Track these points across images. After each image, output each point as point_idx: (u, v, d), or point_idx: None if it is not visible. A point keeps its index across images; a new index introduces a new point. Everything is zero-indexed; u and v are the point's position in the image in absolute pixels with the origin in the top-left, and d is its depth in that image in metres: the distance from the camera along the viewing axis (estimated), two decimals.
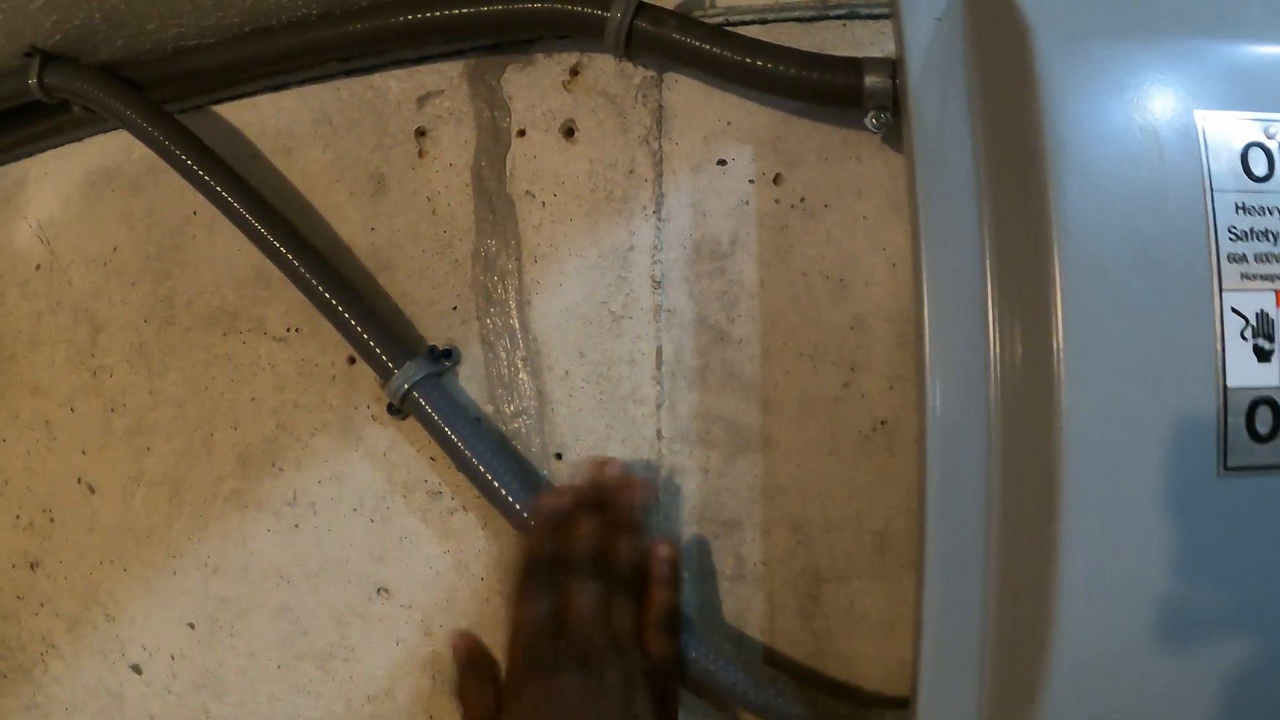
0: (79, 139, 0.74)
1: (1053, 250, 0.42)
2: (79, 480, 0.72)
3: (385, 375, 0.57)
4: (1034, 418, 0.42)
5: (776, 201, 0.56)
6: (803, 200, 0.56)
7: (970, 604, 0.46)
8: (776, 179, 0.56)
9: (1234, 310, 0.42)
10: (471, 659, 0.48)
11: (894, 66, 0.51)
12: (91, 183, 0.73)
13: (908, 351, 0.53)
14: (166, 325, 0.68)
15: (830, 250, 0.55)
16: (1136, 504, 0.41)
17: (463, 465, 0.56)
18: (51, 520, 0.74)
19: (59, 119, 0.74)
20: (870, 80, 0.51)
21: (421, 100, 0.61)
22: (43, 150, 0.77)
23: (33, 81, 0.68)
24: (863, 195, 0.55)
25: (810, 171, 0.56)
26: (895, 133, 0.53)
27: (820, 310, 0.55)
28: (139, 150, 0.70)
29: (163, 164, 0.68)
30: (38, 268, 0.75)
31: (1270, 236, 0.42)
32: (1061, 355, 0.41)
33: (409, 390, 0.56)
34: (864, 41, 0.57)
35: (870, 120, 0.52)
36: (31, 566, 0.75)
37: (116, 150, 0.72)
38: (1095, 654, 0.40)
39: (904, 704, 0.52)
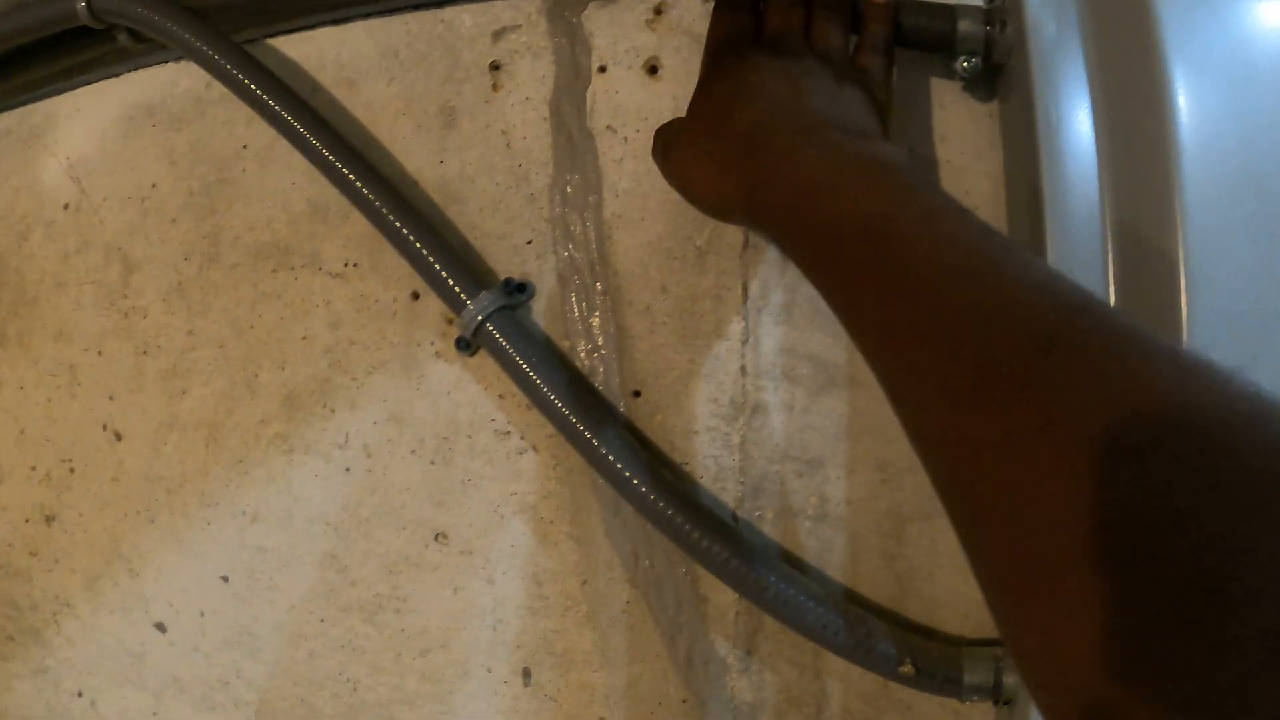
0: (115, 74, 0.73)
1: (1175, 182, 0.42)
2: (104, 427, 0.70)
3: (457, 307, 0.56)
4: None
5: None
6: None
7: None
8: None
9: None
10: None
11: (986, 14, 0.52)
12: (129, 118, 0.71)
13: None
14: (210, 263, 0.66)
15: None
16: None
17: (536, 400, 0.55)
18: (71, 471, 0.71)
19: (93, 52, 0.72)
20: (964, 25, 0.52)
21: (497, 35, 0.61)
22: (74, 87, 0.75)
23: (81, 5, 0.66)
24: (945, 140, 0.56)
25: (895, 116, 0.56)
26: (977, 81, 0.53)
27: None
28: (184, 84, 0.69)
29: (210, 98, 0.67)
30: (66, 207, 0.73)
31: None
32: (1184, 276, 0.42)
33: (482, 322, 0.55)
34: None
35: (961, 64, 0.53)
36: (47, 520, 0.72)
37: (158, 85, 0.70)
38: None
39: (987, 644, 0.51)
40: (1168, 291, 0.42)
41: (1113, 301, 0.45)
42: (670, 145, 0.49)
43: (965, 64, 0.53)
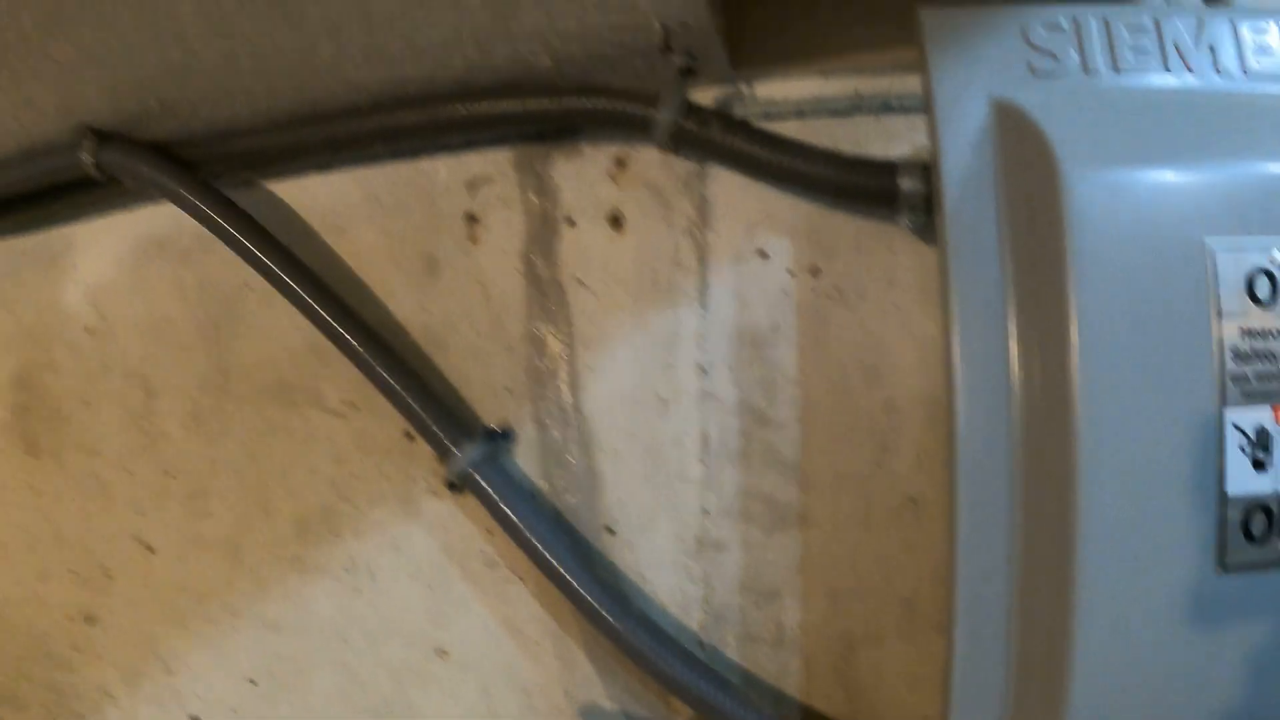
0: (127, 207, 0.81)
1: (1071, 364, 0.49)
2: (136, 539, 0.80)
3: (444, 454, 0.65)
4: (1053, 511, 0.49)
5: (814, 291, 0.63)
6: (839, 290, 0.63)
7: (997, 644, 0.54)
8: (814, 270, 0.63)
9: (1235, 426, 0.49)
10: None
11: (926, 170, 0.58)
12: (142, 250, 0.80)
13: (936, 432, 0.61)
14: (222, 394, 0.75)
15: (864, 338, 0.62)
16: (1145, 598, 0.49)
17: (520, 541, 0.63)
18: (108, 576, 0.82)
19: (108, 190, 0.80)
20: (905, 183, 0.58)
21: (471, 185, 0.68)
22: (90, 216, 0.83)
23: (87, 159, 0.74)
24: (895, 285, 0.62)
25: (846, 262, 0.63)
26: (926, 227, 0.60)
27: (855, 394, 0.62)
28: (190, 221, 0.77)
29: (212, 236, 0.75)
30: (87, 330, 0.82)
31: (1271, 357, 0.50)
32: (1078, 464, 0.49)
33: (468, 470, 0.63)
34: (897, 133, 0.64)
35: (905, 220, 0.59)
36: (87, 620, 0.83)
37: (167, 220, 0.79)
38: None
39: None
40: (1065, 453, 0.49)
41: (1016, 473, 0.52)
42: None
43: (909, 221, 0.59)
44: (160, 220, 0.80)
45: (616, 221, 0.65)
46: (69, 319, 0.84)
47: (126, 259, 0.81)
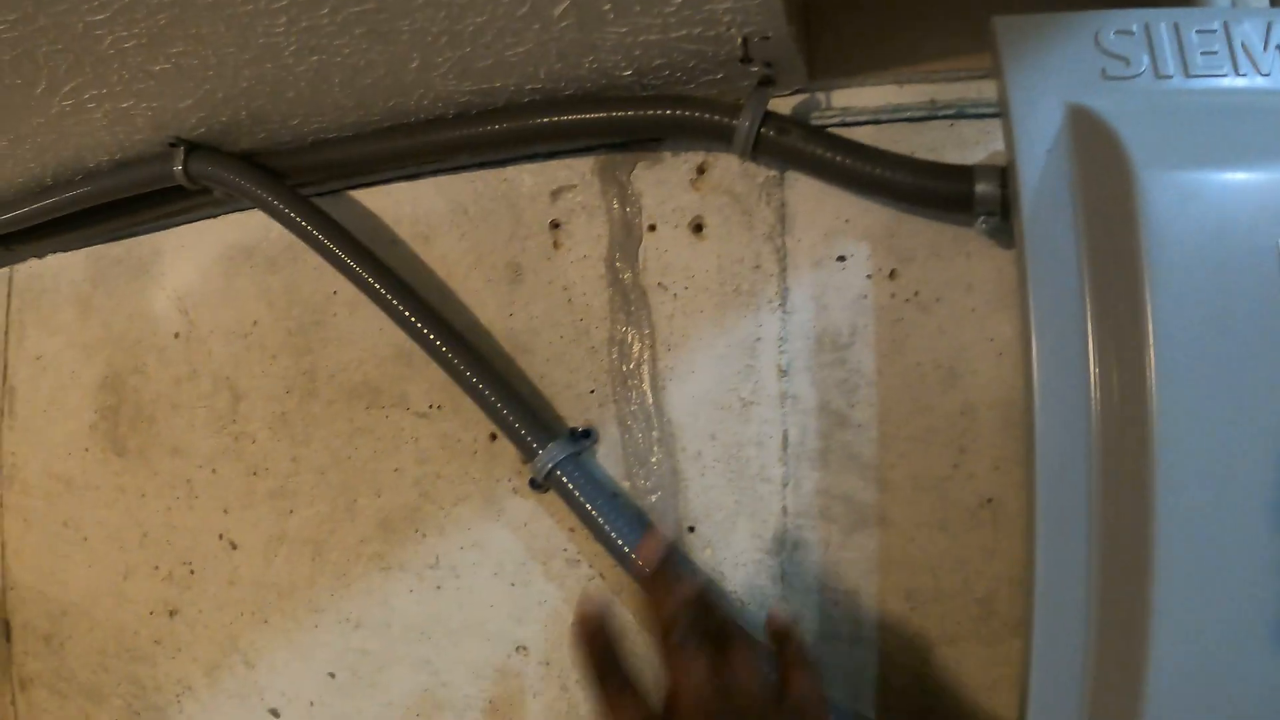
0: (214, 216, 0.86)
1: (1148, 367, 0.51)
2: (220, 536, 0.84)
3: (529, 454, 0.68)
4: (1131, 518, 0.51)
5: (892, 296, 0.66)
6: (916, 294, 0.65)
7: (1074, 649, 0.55)
8: (892, 274, 0.66)
9: None
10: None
11: (1002, 174, 0.60)
12: (229, 258, 0.84)
13: (1012, 435, 0.63)
14: (308, 397, 0.79)
15: (941, 341, 0.65)
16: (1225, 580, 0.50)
17: (602, 539, 0.66)
18: (192, 572, 0.86)
19: (195, 198, 0.85)
20: (981, 188, 0.61)
21: (555, 194, 0.72)
22: (178, 224, 0.88)
23: (178, 169, 0.79)
24: (971, 289, 0.65)
25: (923, 267, 0.66)
26: (1001, 232, 0.62)
27: (932, 397, 0.65)
28: (277, 229, 0.82)
29: (301, 244, 0.79)
30: (176, 335, 0.87)
31: None
32: (1156, 471, 0.50)
33: (552, 469, 0.67)
34: (970, 140, 0.66)
35: (980, 223, 0.61)
36: (170, 614, 0.87)
37: (254, 228, 0.83)
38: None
39: None
40: (1142, 453, 0.51)
41: (1095, 478, 0.54)
42: None
43: (984, 223, 0.62)
44: (247, 229, 0.84)
45: (698, 228, 0.69)
46: (157, 325, 0.88)
47: (213, 267, 0.85)
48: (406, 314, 0.71)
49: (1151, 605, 0.50)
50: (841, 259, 0.67)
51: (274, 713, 0.83)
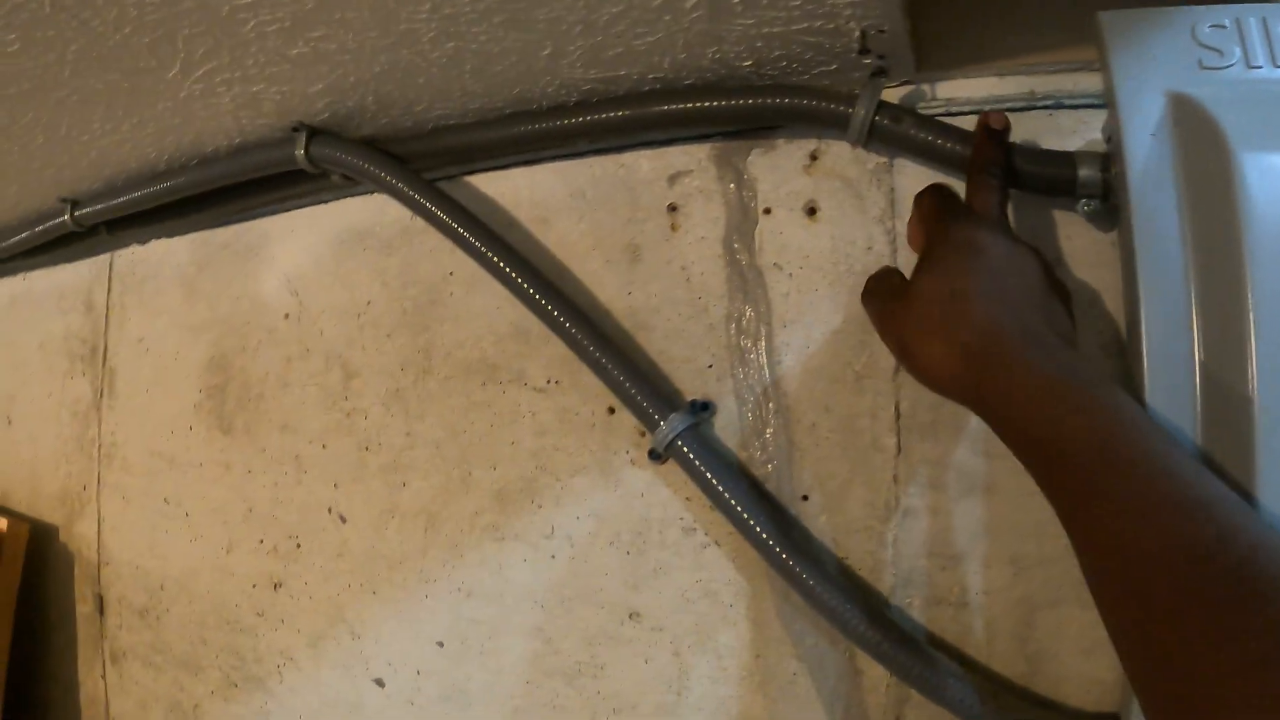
0: (325, 201, 0.92)
1: (1249, 345, 0.56)
2: (329, 510, 0.89)
3: (650, 425, 0.73)
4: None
5: None
6: None
7: None
8: None
9: None
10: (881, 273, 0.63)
11: (1104, 160, 0.66)
12: (341, 241, 0.90)
13: None
14: (424, 374, 0.85)
15: None
16: None
17: (721, 506, 0.72)
18: (298, 546, 0.91)
19: (308, 184, 0.91)
20: (1084, 172, 0.66)
21: (672, 179, 0.78)
22: (287, 209, 0.94)
23: (300, 153, 0.85)
24: (1072, 266, 0.70)
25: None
26: (1099, 215, 0.68)
27: None
28: (391, 214, 0.87)
29: (416, 227, 0.85)
30: (286, 316, 0.93)
31: None
32: (1257, 452, 0.55)
33: (673, 439, 0.72)
34: (1067, 130, 0.72)
35: (1081, 206, 0.67)
36: (275, 587, 0.93)
37: (368, 213, 0.89)
38: None
39: (1104, 718, 0.66)
40: (1244, 425, 0.56)
41: (1198, 430, 0.59)
42: (893, 310, 0.58)
43: (1086, 206, 0.67)
44: (360, 213, 0.90)
45: (812, 211, 0.74)
46: (266, 306, 0.94)
47: (326, 250, 0.91)
48: (530, 290, 0.76)
49: None
50: None
51: (379, 682, 0.88)
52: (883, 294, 0.60)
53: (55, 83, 0.80)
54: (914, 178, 0.73)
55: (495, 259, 0.77)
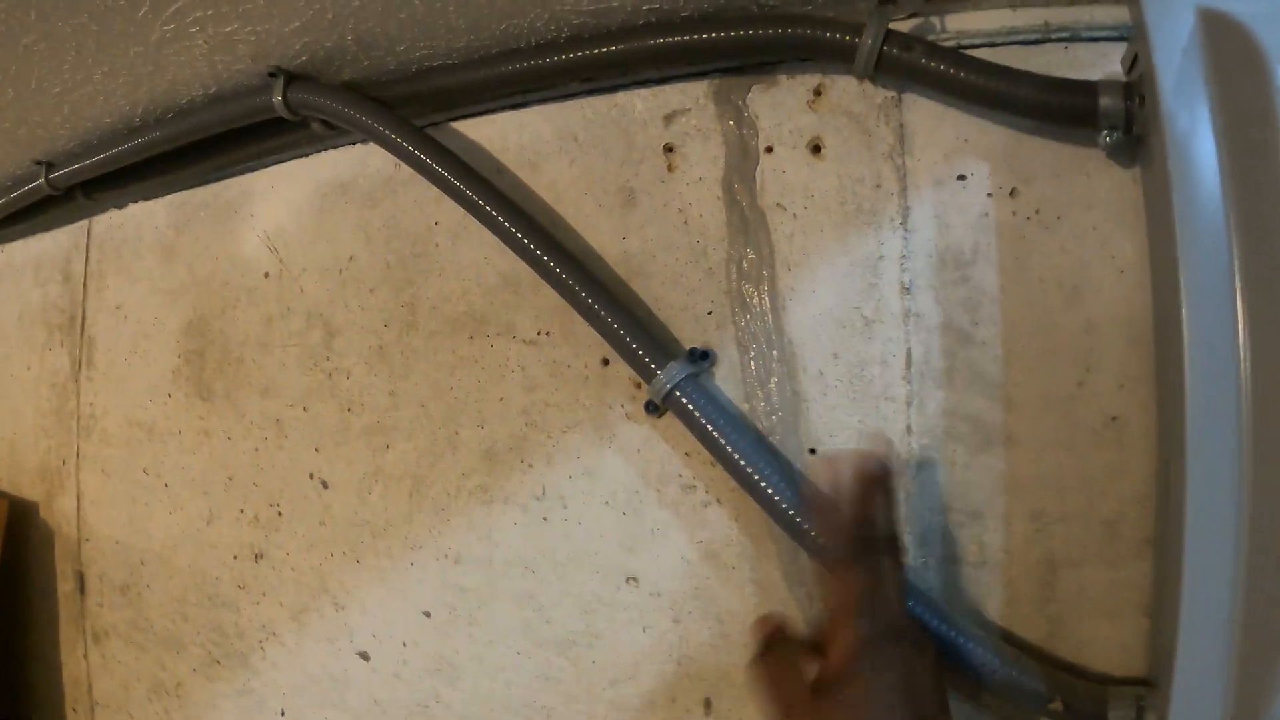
0: (305, 155, 0.87)
1: None
2: (311, 476, 0.84)
3: (647, 376, 0.68)
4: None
5: (1013, 214, 0.66)
6: (1037, 212, 0.66)
7: (1221, 592, 0.55)
8: (1013, 193, 0.67)
9: None
10: (772, 641, 0.56)
11: (1126, 89, 0.61)
12: (322, 195, 0.85)
13: (1136, 352, 0.63)
14: (408, 329, 0.80)
15: (1063, 259, 0.65)
16: None
17: (724, 460, 0.67)
18: (279, 514, 0.86)
19: (286, 137, 0.86)
20: (1105, 101, 0.62)
21: (668, 118, 0.73)
22: (266, 165, 0.89)
23: (278, 99, 0.80)
24: (1091, 208, 0.65)
25: (1043, 186, 0.66)
26: (1121, 149, 0.63)
27: (1056, 314, 0.65)
28: (373, 165, 0.83)
29: (400, 178, 0.80)
30: (266, 275, 0.88)
31: None
32: None
33: (671, 390, 0.67)
34: (1084, 63, 0.67)
35: (1104, 138, 0.62)
36: (256, 558, 0.88)
37: (349, 165, 0.84)
38: None
39: (1131, 683, 0.61)
40: None
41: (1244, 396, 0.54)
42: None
43: (1107, 138, 0.62)
44: (340, 165, 0.85)
45: (816, 149, 0.69)
46: (246, 266, 0.89)
47: (306, 205, 0.86)
48: (521, 238, 0.71)
49: None
50: (962, 178, 0.67)
51: (363, 655, 0.83)
52: (786, 704, 0.54)
53: (21, 27, 0.75)
54: (924, 113, 0.68)
55: (484, 205, 0.73)
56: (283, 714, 0.88)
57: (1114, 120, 0.61)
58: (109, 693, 1.02)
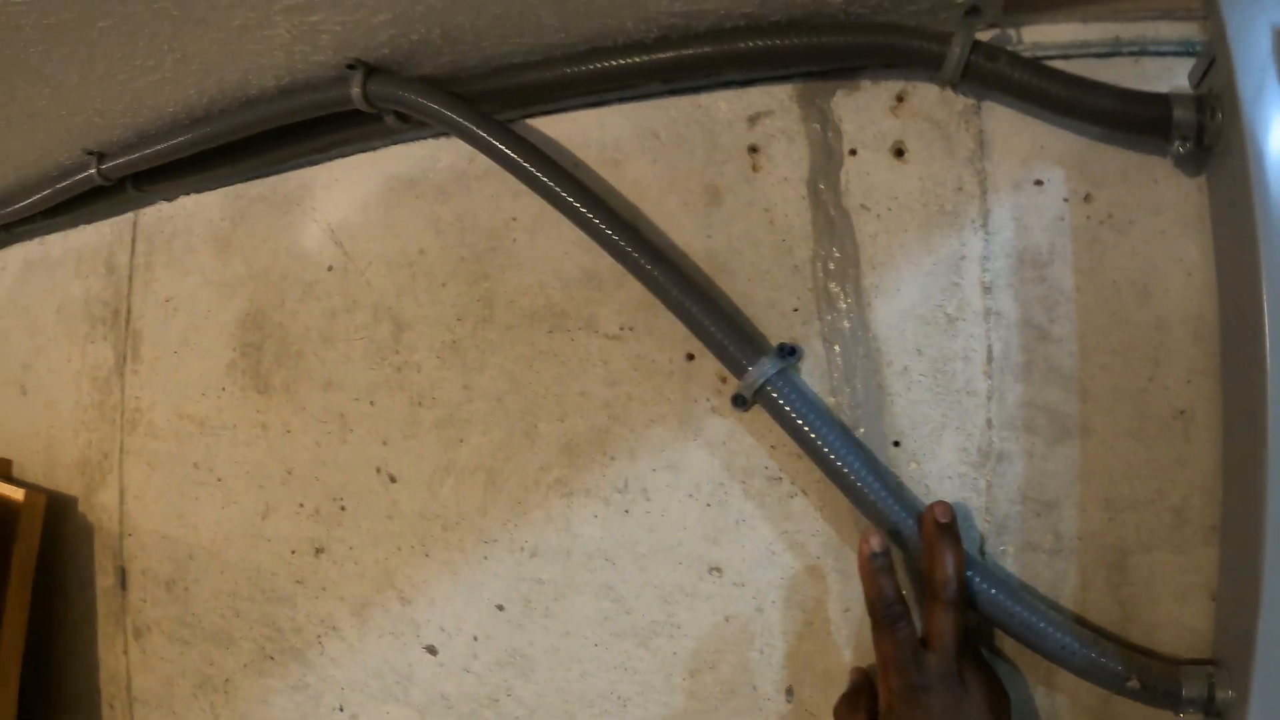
0: (372, 149, 0.86)
1: None
2: (378, 470, 0.84)
3: (737, 371, 0.69)
4: None
5: (1087, 218, 0.69)
6: (1110, 216, 0.69)
7: None
8: (1087, 198, 0.69)
9: None
10: (856, 688, 0.67)
11: (1198, 102, 0.64)
12: (390, 189, 0.85)
13: (1203, 349, 0.66)
14: (483, 323, 0.80)
15: (1134, 260, 0.68)
16: None
17: (812, 453, 0.68)
18: (342, 509, 0.85)
19: (355, 130, 0.85)
20: (1179, 113, 0.64)
21: (752, 120, 0.74)
22: (329, 159, 0.88)
23: (357, 91, 0.79)
24: (1159, 212, 0.68)
25: (1114, 191, 0.69)
26: (1190, 158, 0.65)
27: (1128, 312, 0.68)
28: (445, 160, 0.83)
29: (473, 172, 0.80)
30: (330, 269, 0.87)
31: None
32: None
33: (763, 385, 0.68)
34: (1152, 76, 0.70)
35: (1176, 148, 0.65)
36: (316, 552, 0.87)
37: (418, 159, 0.84)
38: None
39: (1201, 663, 0.63)
40: None
41: None
42: None
43: (1180, 148, 0.65)
44: (409, 160, 0.85)
45: (899, 152, 0.71)
46: (308, 259, 0.88)
47: (374, 199, 0.86)
48: (607, 231, 0.72)
49: None
50: (1039, 183, 0.70)
51: (430, 649, 0.82)
52: None
53: (98, 11, 0.74)
54: (1004, 120, 0.71)
55: (570, 199, 0.73)
56: (340, 709, 0.87)
57: (1186, 131, 0.64)
58: (149, 689, 0.99)
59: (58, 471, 1.13)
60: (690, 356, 0.74)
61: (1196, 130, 0.64)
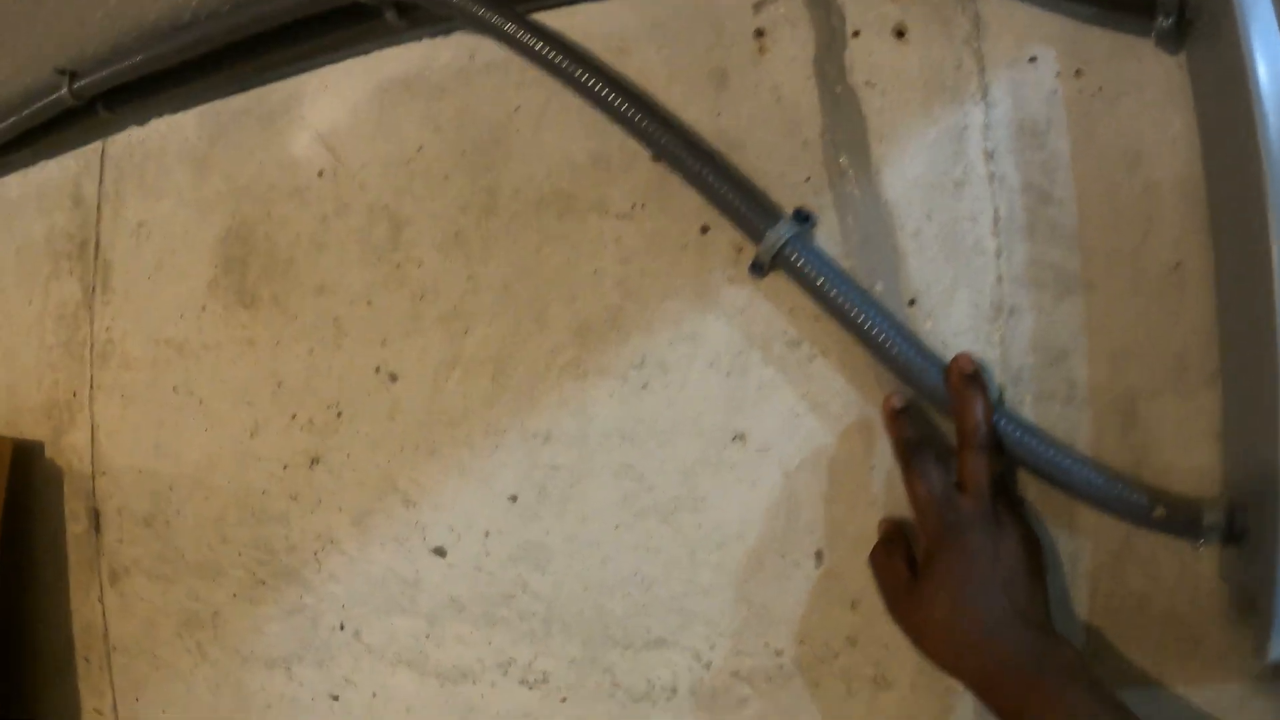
0: (364, 52, 0.85)
1: None
2: (377, 370, 0.81)
3: (755, 236, 0.70)
4: None
5: (1079, 91, 0.72)
6: (1100, 90, 0.72)
7: None
8: (1077, 73, 0.72)
9: None
10: (889, 537, 0.68)
11: None
12: (384, 91, 0.84)
13: (1190, 208, 0.70)
14: (487, 214, 0.79)
15: (1124, 131, 0.71)
16: None
17: (835, 311, 0.69)
18: (339, 415, 0.82)
19: (344, 32, 0.83)
20: None
21: (756, 6, 0.76)
22: (316, 66, 0.86)
23: None
24: (1144, 87, 0.72)
25: (1101, 68, 0.72)
26: (1170, 37, 0.69)
27: (1120, 177, 0.71)
28: (444, 57, 0.82)
29: (474, 67, 0.80)
30: (320, 174, 0.84)
31: None
32: None
33: (781, 248, 0.69)
34: None
35: (1160, 23, 0.69)
36: (311, 463, 0.83)
37: (413, 60, 0.83)
38: None
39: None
40: None
41: None
42: (904, 610, 0.65)
43: (1164, 22, 0.69)
44: (403, 61, 0.84)
45: (900, 33, 0.74)
46: (295, 167, 0.86)
47: (365, 102, 0.84)
48: (626, 107, 0.72)
49: None
50: (1033, 59, 0.73)
51: (439, 551, 0.80)
52: (891, 586, 0.67)
53: None
54: (994, 3, 0.73)
55: (586, 78, 0.73)
56: (341, 627, 0.82)
57: (1169, 7, 0.68)
58: (128, 635, 0.92)
59: (21, 418, 1.05)
60: (705, 229, 0.74)
61: (1179, 6, 0.68)
